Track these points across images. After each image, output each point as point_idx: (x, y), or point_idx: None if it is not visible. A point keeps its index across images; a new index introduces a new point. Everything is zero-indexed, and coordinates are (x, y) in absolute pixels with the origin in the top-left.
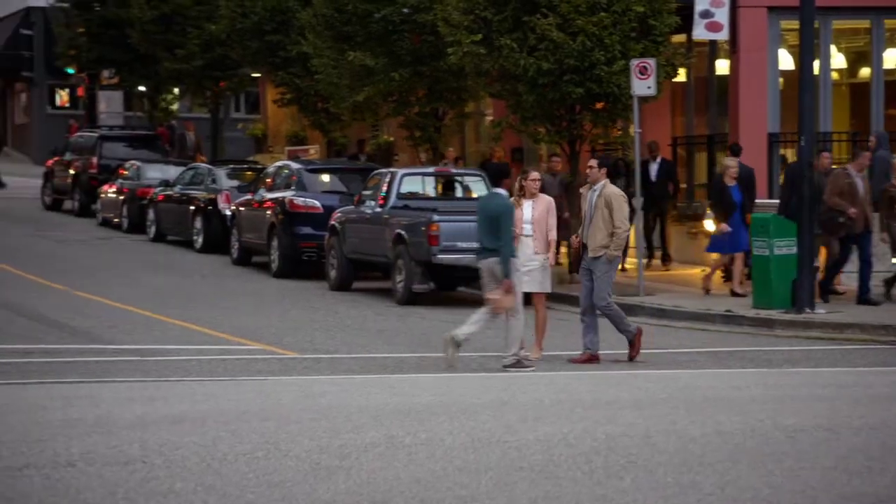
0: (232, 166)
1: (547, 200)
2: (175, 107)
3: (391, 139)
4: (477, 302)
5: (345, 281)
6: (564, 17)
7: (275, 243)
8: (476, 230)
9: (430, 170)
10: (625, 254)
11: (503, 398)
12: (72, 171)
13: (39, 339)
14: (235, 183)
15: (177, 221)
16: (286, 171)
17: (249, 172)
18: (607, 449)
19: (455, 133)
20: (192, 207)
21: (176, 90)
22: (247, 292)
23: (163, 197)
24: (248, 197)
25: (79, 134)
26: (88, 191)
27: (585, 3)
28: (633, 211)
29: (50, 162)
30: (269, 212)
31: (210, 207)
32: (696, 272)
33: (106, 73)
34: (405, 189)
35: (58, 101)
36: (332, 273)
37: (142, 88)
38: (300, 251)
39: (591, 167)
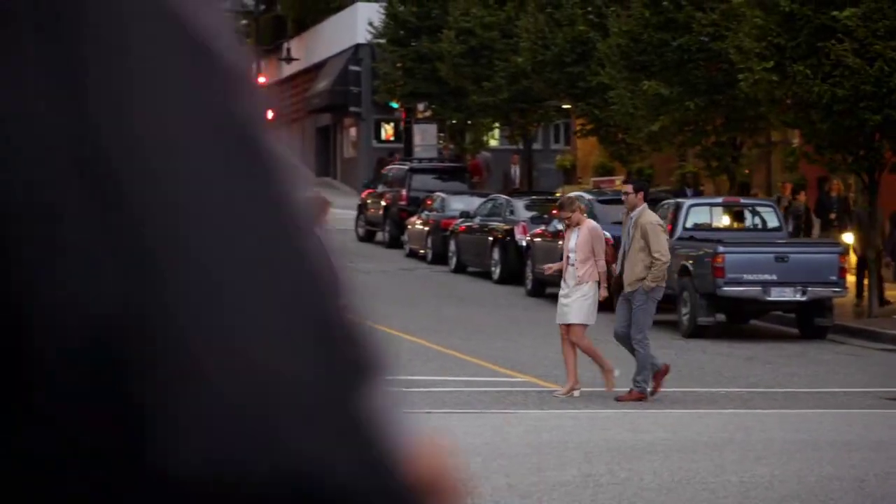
0: (532, 197)
1: (590, 227)
2: (495, 140)
3: (695, 170)
4: (768, 335)
5: None
6: (861, 43)
7: None
8: (763, 262)
9: (718, 200)
10: None
11: (735, 437)
12: (383, 203)
13: None
14: (533, 214)
15: (476, 252)
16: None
17: (548, 203)
18: (808, 492)
19: (757, 163)
20: (491, 238)
21: (488, 123)
22: (532, 323)
23: (463, 228)
24: (542, 228)
25: (391, 166)
26: (398, 222)
27: (884, 27)
28: None
29: (364, 194)
30: (560, 243)
31: (508, 238)
32: None
33: (420, 107)
34: (693, 220)
35: (383, 135)
36: None
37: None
38: None
39: (626, 192)
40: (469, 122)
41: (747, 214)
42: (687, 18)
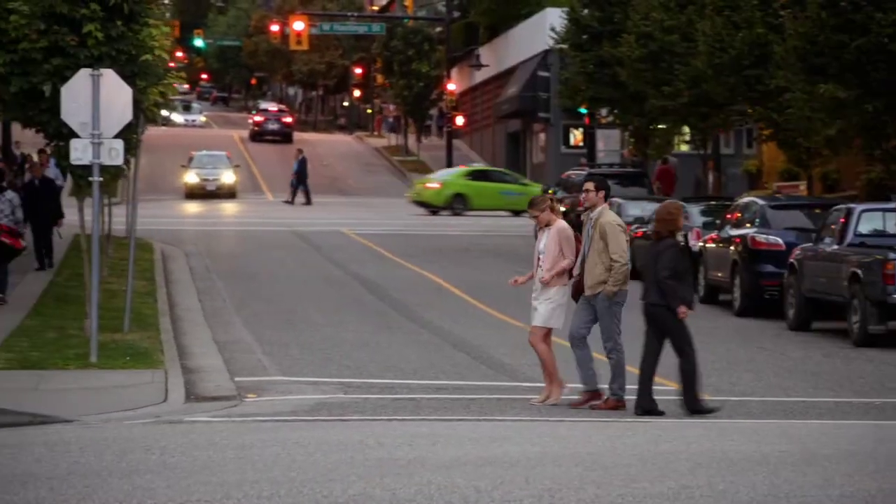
0: (707, 203)
1: (559, 228)
2: (684, 146)
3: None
4: None
5: (803, 320)
6: None
7: (737, 281)
8: None
9: (893, 205)
10: None
11: (861, 449)
12: (562, 209)
13: (462, 374)
14: (707, 220)
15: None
16: (752, 207)
17: (722, 209)
18: None
19: None
20: None
21: (669, 128)
22: (700, 331)
23: (640, 234)
24: (715, 233)
25: (571, 172)
26: (576, 227)
27: None
28: None
29: None
30: (732, 248)
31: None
32: None
33: (603, 112)
34: (866, 226)
35: (571, 141)
36: (791, 312)
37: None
38: (762, 289)
39: (587, 190)
40: (650, 127)
41: None
42: (865, 19)
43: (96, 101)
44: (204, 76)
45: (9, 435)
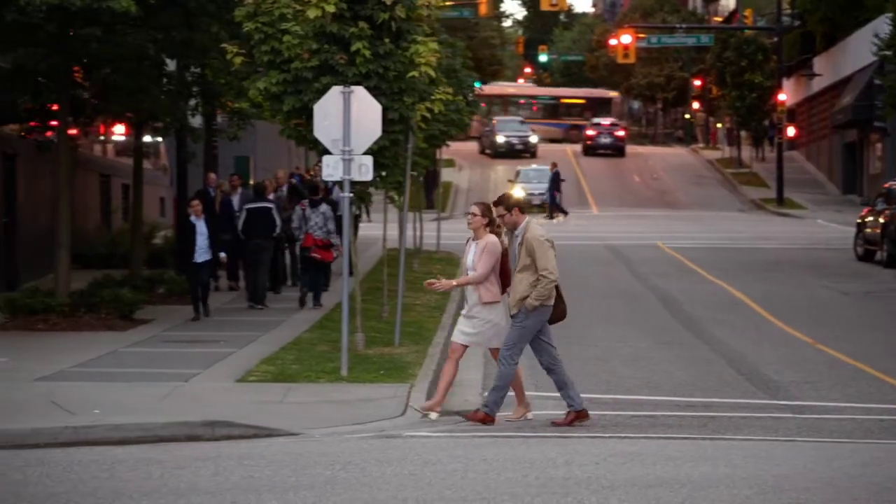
0: None
1: (487, 242)
2: None
3: None
4: None
5: None
6: None
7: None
8: None
9: None
10: None
11: None
12: (881, 221)
13: (721, 392)
14: None
15: None
16: None
17: None
18: None
19: None
20: None
21: None
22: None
23: None
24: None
25: (893, 182)
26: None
27: None
28: None
29: (865, 211)
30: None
31: None
32: None
33: None
34: None
35: None
36: None
37: None
38: None
39: (500, 215)
40: None
41: None
42: None
43: (347, 118)
44: None
45: (224, 447)
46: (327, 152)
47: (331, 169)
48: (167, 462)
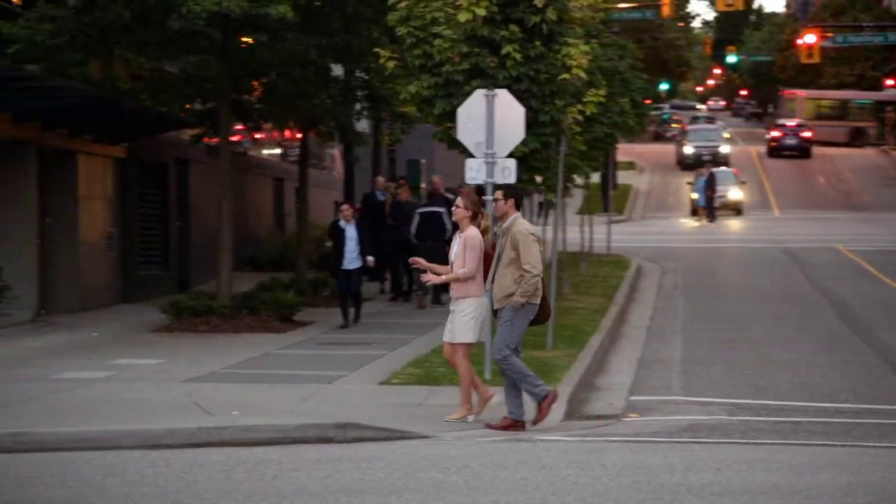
0: None
1: (467, 235)
2: None
3: None
4: None
5: None
6: None
7: None
8: None
9: None
10: None
11: None
12: None
13: (878, 398)
14: None
15: None
16: None
17: None
18: None
19: None
20: None
21: None
22: None
23: None
24: None
25: None
26: None
27: None
28: None
29: None
30: None
31: None
32: None
33: None
34: None
35: None
36: None
37: None
38: None
39: (496, 199)
40: None
41: None
42: None
43: (490, 120)
44: (743, 92)
45: (350, 449)
46: (470, 155)
47: (474, 172)
48: (285, 464)
